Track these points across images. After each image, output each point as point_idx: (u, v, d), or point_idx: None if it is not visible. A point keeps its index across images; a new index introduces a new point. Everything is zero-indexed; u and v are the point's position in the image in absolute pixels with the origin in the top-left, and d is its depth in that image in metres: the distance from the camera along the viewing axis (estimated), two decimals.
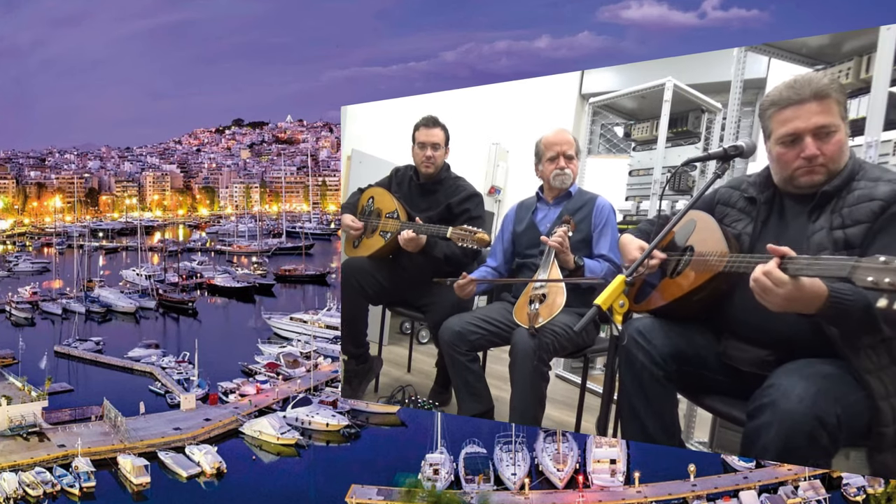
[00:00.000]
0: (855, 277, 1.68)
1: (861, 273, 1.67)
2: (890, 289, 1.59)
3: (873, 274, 1.64)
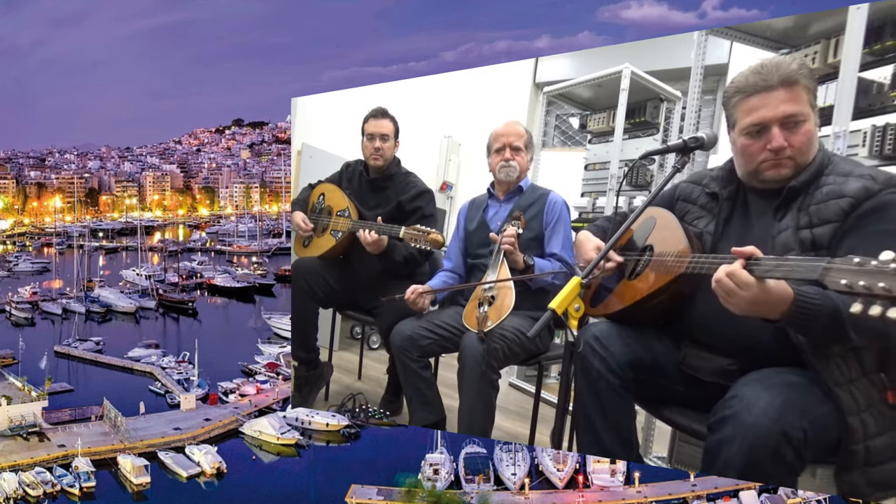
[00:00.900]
0: (827, 280, 1.55)
1: (834, 275, 1.54)
2: (865, 293, 1.47)
3: (847, 276, 1.51)
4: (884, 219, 1.79)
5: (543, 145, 4.94)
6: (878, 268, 1.46)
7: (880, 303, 1.43)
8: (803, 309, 1.75)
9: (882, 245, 1.53)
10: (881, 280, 1.44)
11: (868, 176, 1.87)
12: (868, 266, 1.48)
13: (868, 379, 1.83)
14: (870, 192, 1.83)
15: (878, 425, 1.81)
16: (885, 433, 1.82)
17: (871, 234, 1.78)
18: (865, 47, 2.77)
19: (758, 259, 1.77)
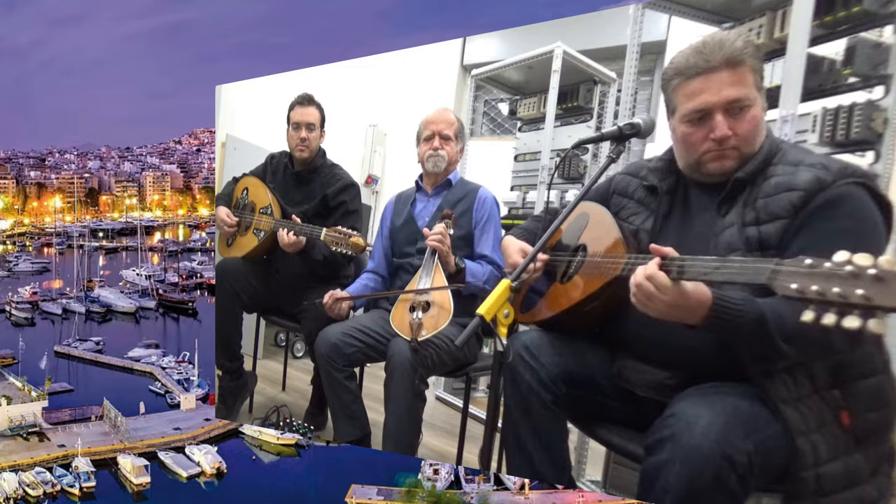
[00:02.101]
0: (776, 285, 1.36)
1: (783, 279, 1.34)
2: (818, 299, 1.26)
3: (798, 280, 1.31)
4: (838, 214, 1.61)
5: (472, 134, 4.59)
6: (831, 270, 1.28)
7: (834, 310, 1.25)
8: (721, 314, 1.58)
9: (836, 244, 1.37)
10: (835, 285, 1.26)
11: (820, 165, 1.66)
12: (821, 268, 1.29)
13: (820, 396, 1.63)
14: (822, 184, 1.62)
15: (831, 449, 1.61)
16: (838, 458, 1.61)
17: (824, 232, 1.59)
18: (815, 19, 2.51)
19: (683, 259, 1.58)
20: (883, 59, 2.39)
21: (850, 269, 1.25)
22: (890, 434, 1.70)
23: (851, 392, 1.65)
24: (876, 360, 1.69)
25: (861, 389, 1.65)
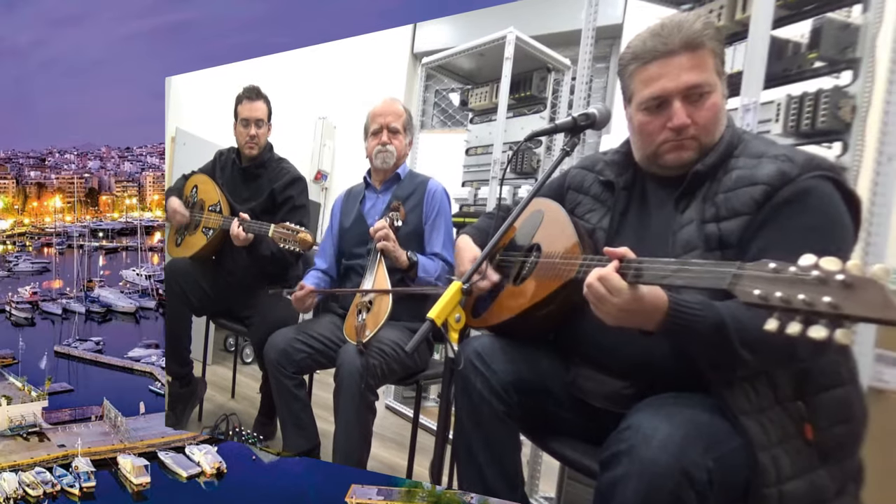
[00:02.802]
0: (738, 290, 1.25)
1: (745, 284, 1.24)
2: (782, 306, 1.16)
3: (761, 286, 1.20)
4: (803, 210, 1.49)
5: (422, 126, 4.27)
6: (797, 276, 1.17)
7: (799, 319, 1.15)
8: (678, 319, 1.47)
9: (801, 243, 1.28)
10: (801, 291, 1.15)
11: (784, 157, 1.54)
12: (786, 273, 1.18)
13: (783, 408, 1.52)
14: (786, 178, 1.51)
15: (794, 465, 1.50)
16: (802, 475, 1.51)
17: (788, 231, 1.49)
18: None
19: (641, 262, 1.47)
20: (851, 41, 2.25)
21: (817, 275, 1.15)
22: (857, 450, 1.60)
23: (816, 404, 1.55)
24: (842, 369, 1.59)
25: (826, 401, 1.55)
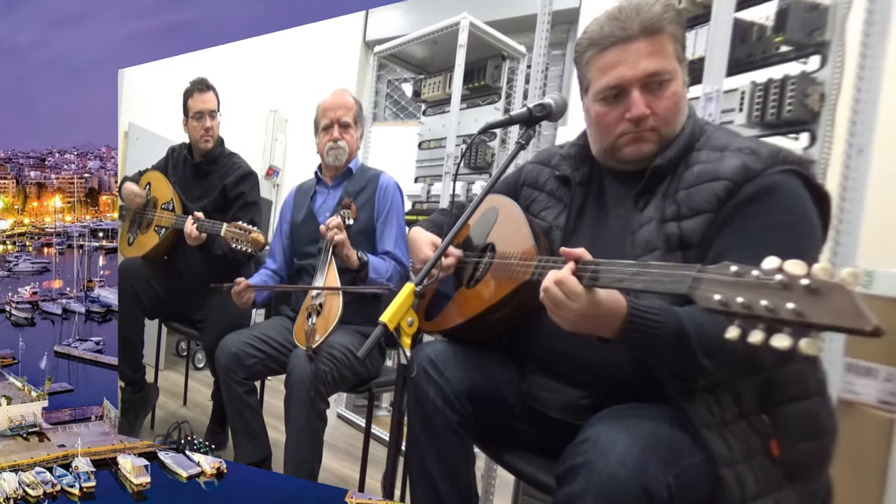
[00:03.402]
0: (697, 295, 1.15)
1: (706, 289, 1.14)
2: (744, 312, 1.06)
3: (722, 290, 1.10)
4: (768, 208, 1.37)
5: (374, 118, 4.05)
6: (759, 280, 1.08)
7: (762, 327, 1.05)
8: (636, 326, 1.36)
9: (766, 243, 1.20)
10: (764, 297, 1.05)
11: (748, 150, 1.43)
12: (748, 277, 1.09)
13: (747, 422, 1.42)
14: (751, 173, 1.40)
15: (759, 483, 1.39)
16: (767, 494, 1.40)
17: (752, 230, 1.38)
18: None
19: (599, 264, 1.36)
20: (819, 23, 2.10)
21: (781, 279, 1.05)
22: (826, 467, 1.49)
23: (782, 417, 1.44)
24: (810, 380, 1.47)
25: (793, 414, 1.44)
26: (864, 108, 2.01)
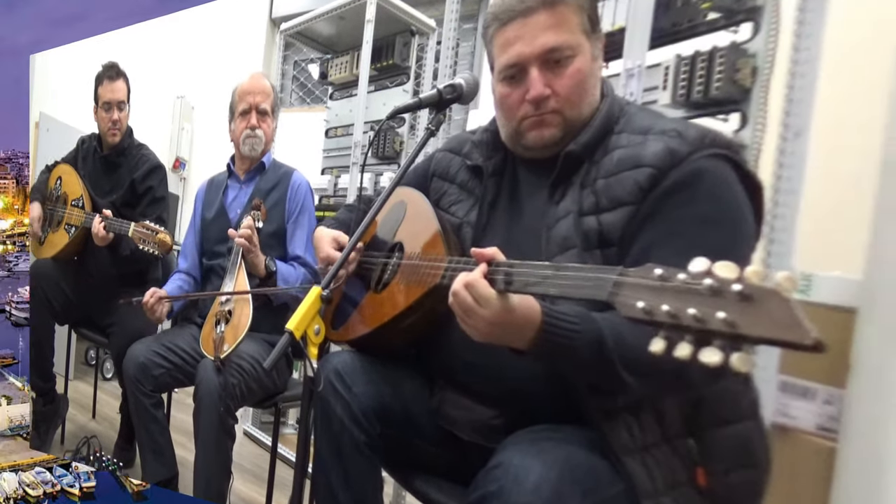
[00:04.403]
0: (619, 302, 0.98)
1: (627, 294, 0.97)
2: (671, 323, 0.90)
3: (646, 297, 0.94)
4: (695, 198, 1.20)
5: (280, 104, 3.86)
6: (687, 285, 0.91)
7: (690, 339, 0.89)
8: (551, 336, 1.17)
9: (693, 240, 1.05)
10: (692, 304, 0.89)
11: (673, 132, 1.25)
12: (674, 281, 0.92)
13: (671, 447, 1.25)
14: (676, 157, 1.22)
15: None
16: None
17: (677, 224, 1.20)
18: None
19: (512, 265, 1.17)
20: None
21: (711, 284, 0.89)
22: (759, 501, 1.32)
23: (710, 443, 1.26)
24: (741, 400, 1.29)
25: (722, 440, 1.27)
26: (802, 84, 1.69)
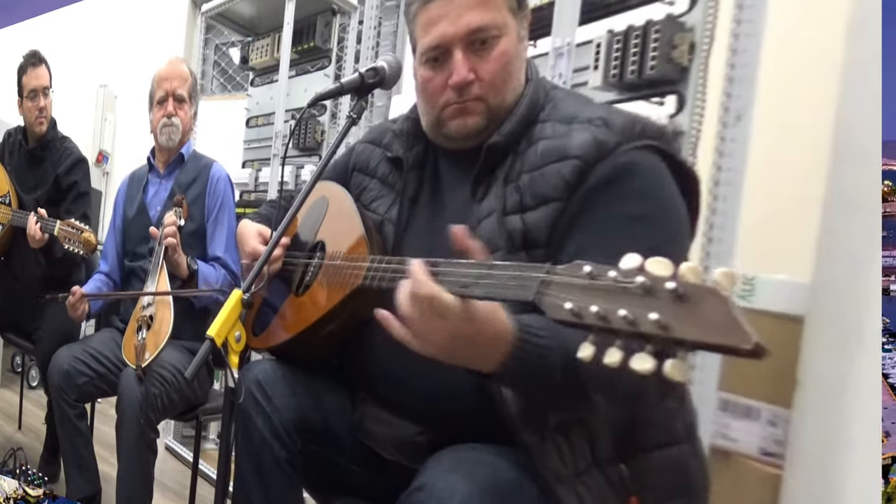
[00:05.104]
0: (545, 302, 0.85)
1: (555, 294, 0.85)
2: (600, 325, 0.78)
3: (574, 296, 0.82)
4: (624, 193, 1.07)
5: (202, 90, 3.41)
6: (618, 283, 0.80)
7: (620, 344, 0.78)
8: (527, 354, 0.98)
9: (624, 243, 0.94)
10: (622, 304, 0.78)
11: (599, 121, 1.13)
12: (604, 279, 0.81)
13: (603, 473, 1.12)
14: (602, 149, 1.10)
15: None
16: None
17: (606, 222, 1.08)
18: None
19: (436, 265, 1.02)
20: None
21: (643, 282, 0.77)
22: None
23: (643, 468, 1.13)
24: (676, 420, 1.14)
25: (656, 465, 1.14)
26: (744, 61, 1.49)
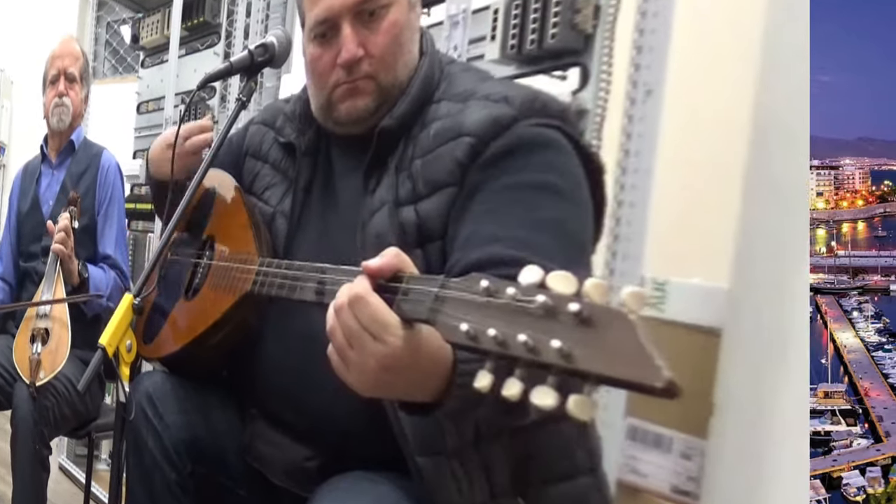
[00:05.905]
0: (440, 323, 0.71)
1: (450, 314, 0.70)
2: (499, 352, 0.65)
3: (471, 317, 0.68)
4: (527, 166, 0.95)
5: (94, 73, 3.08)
6: (517, 303, 0.65)
7: (519, 374, 0.64)
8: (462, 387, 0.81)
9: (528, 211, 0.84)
10: (522, 328, 0.63)
11: (498, 96, 0.99)
12: (503, 297, 0.66)
13: None
14: (499, 126, 0.96)
15: None
16: None
17: (506, 192, 0.95)
18: None
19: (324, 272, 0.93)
20: None
21: (544, 301, 0.63)
22: None
23: (541, 503, 1.03)
24: (576, 450, 1.02)
25: (553, 499, 1.02)
26: (655, 26, 1.29)
